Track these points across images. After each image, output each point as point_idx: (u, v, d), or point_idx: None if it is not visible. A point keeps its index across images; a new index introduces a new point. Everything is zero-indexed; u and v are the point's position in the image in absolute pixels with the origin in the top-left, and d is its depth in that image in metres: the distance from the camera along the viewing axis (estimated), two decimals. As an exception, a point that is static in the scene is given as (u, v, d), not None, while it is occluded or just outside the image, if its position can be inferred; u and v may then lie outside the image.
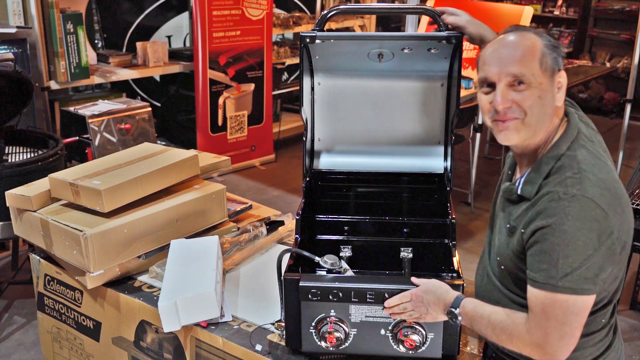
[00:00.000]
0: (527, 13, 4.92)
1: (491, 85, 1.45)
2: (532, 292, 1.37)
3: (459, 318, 1.48)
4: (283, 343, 1.72)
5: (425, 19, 5.18)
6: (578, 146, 1.42)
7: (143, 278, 2.08)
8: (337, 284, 1.60)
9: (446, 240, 1.93)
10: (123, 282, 2.05)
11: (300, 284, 1.60)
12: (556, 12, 8.40)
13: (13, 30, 3.81)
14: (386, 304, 1.56)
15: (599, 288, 1.36)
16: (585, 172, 1.36)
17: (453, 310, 1.48)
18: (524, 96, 1.41)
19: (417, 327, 1.60)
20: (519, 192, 1.46)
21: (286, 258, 1.71)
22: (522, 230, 1.41)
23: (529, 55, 1.41)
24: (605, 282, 1.40)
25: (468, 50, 4.95)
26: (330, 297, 1.60)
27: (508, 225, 1.49)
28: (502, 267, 1.51)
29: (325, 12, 1.91)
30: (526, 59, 1.41)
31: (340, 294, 1.59)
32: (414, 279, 1.57)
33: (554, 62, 1.43)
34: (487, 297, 1.56)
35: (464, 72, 5.01)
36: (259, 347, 1.72)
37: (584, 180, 1.34)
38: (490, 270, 1.58)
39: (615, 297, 1.50)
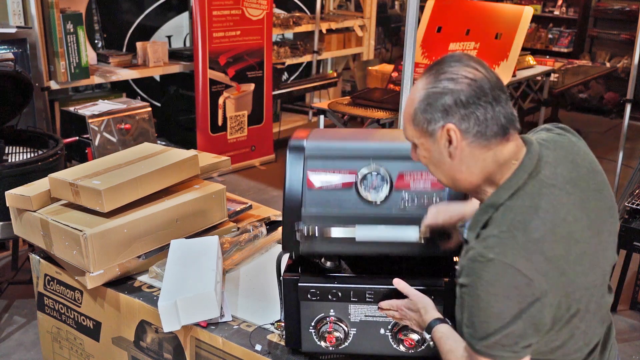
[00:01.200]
0: (527, 13, 4.92)
1: None
2: (465, 347, 1.33)
3: (431, 344, 1.47)
4: (283, 343, 1.72)
5: (425, 20, 5.18)
6: (523, 194, 1.27)
7: (143, 278, 2.08)
8: (336, 284, 1.60)
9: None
10: (123, 282, 2.05)
11: (299, 284, 1.60)
12: (556, 12, 8.40)
13: (13, 30, 3.81)
14: (379, 306, 1.57)
15: (522, 355, 1.26)
16: (515, 230, 1.22)
17: (425, 334, 1.47)
18: (422, 159, 1.37)
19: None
20: (464, 236, 1.36)
21: (285, 258, 1.71)
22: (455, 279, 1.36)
23: (406, 116, 1.34)
24: (549, 344, 1.31)
25: (468, 50, 4.95)
26: (330, 296, 1.60)
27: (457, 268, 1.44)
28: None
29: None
30: (405, 121, 1.35)
31: (340, 294, 1.59)
32: (396, 282, 1.53)
33: (427, 123, 1.28)
34: None
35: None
36: (258, 347, 1.72)
37: (507, 241, 1.22)
38: None
39: (593, 341, 1.40)
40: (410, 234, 1.53)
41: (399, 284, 1.53)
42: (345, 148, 1.65)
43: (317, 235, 1.56)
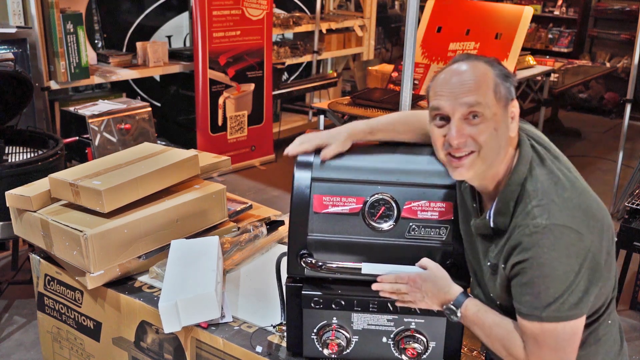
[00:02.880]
0: (527, 13, 4.91)
1: (444, 119, 1.39)
2: (520, 322, 1.36)
3: (459, 317, 1.45)
4: (283, 344, 1.72)
5: (425, 20, 5.18)
6: (536, 166, 1.39)
7: (143, 278, 2.08)
8: (339, 293, 1.59)
9: None
10: (123, 283, 2.05)
11: (302, 292, 1.59)
12: (556, 12, 8.40)
13: (13, 30, 3.80)
14: (378, 279, 1.51)
15: (587, 309, 1.34)
16: (549, 195, 1.33)
17: (454, 308, 1.45)
18: (480, 130, 1.36)
19: (418, 335, 1.59)
20: (491, 225, 1.41)
21: (285, 261, 1.70)
22: (503, 266, 1.39)
23: (483, 85, 1.36)
24: (598, 295, 1.39)
25: (468, 50, 4.95)
26: (333, 305, 1.59)
27: (489, 264, 1.45)
28: (499, 303, 1.48)
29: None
30: (480, 89, 1.36)
31: (343, 302, 1.59)
32: (425, 261, 1.51)
33: (507, 92, 1.38)
34: None
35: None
36: (259, 349, 1.71)
37: (550, 206, 1.31)
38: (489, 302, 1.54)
39: (613, 294, 1.49)
40: (416, 272, 1.51)
41: (425, 262, 1.51)
42: (354, 170, 1.60)
43: (322, 268, 1.55)
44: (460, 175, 1.42)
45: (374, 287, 1.52)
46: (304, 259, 1.56)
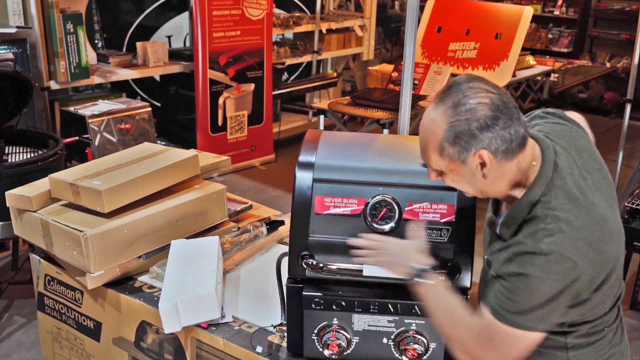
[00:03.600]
0: (527, 13, 4.92)
1: None
2: (485, 313, 1.38)
3: (420, 280, 1.46)
4: (284, 344, 1.72)
5: (425, 20, 5.18)
6: (554, 188, 1.37)
7: (143, 278, 2.08)
8: (340, 294, 1.59)
9: None
10: (123, 283, 2.05)
11: (303, 293, 1.59)
12: (556, 12, 8.40)
13: (13, 30, 3.80)
14: (356, 242, 1.52)
15: (550, 328, 1.37)
16: (559, 222, 1.32)
17: (422, 270, 1.46)
18: (443, 178, 1.42)
19: (419, 337, 1.59)
20: (497, 231, 1.45)
21: (285, 261, 1.70)
22: (493, 273, 1.42)
23: (427, 149, 1.39)
24: (584, 309, 1.42)
25: (468, 50, 4.95)
26: (334, 306, 1.59)
27: (486, 257, 1.50)
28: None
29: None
30: (425, 151, 1.40)
31: (344, 303, 1.59)
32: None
33: (457, 153, 1.34)
34: None
35: (463, 72, 5.02)
36: (259, 349, 1.71)
37: (556, 232, 1.31)
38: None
39: (617, 302, 1.53)
40: None
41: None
42: (355, 171, 1.60)
43: (324, 269, 1.55)
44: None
45: (353, 241, 1.53)
46: (305, 260, 1.56)
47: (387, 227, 1.55)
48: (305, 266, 1.56)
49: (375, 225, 1.55)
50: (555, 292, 1.31)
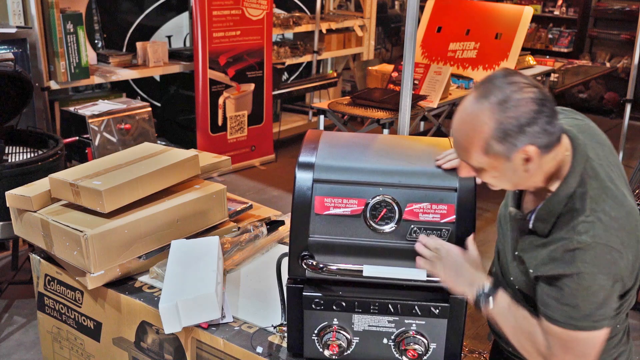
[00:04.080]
0: (527, 13, 4.92)
1: None
2: (551, 327, 1.37)
3: (490, 304, 1.44)
4: (284, 345, 1.72)
5: (425, 20, 5.18)
6: (588, 178, 1.37)
7: (144, 278, 2.07)
8: (340, 294, 1.59)
9: None
10: (124, 283, 2.04)
11: (303, 293, 1.59)
12: (556, 12, 8.40)
13: (13, 30, 3.80)
14: (421, 241, 1.50)
15: (613, 318, 1.39)
16: (597, 213, 1.33)
17: (487, 293, 1.44)
18: (480, 175, 1.41)
19: (419, 337, 1.59)
20: (530, 226, 1.44)
21: (285, 262, 1.70)
22: (532, 271, 1.41)
23: (470, 148, 1.35)
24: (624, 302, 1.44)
25: (468, 50, 4.95)
26: (334, 307, 1.59)
27: (516, 253, 1.48)
28: (517, 287, 1.51)
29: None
30: (468, 148, 1.36)
31: (344, 304, 1.59)
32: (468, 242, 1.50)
33: (505, 150, 1.32)
34: None
35: (463, 72, 5.02)
36: (260, 349, 1.71)
37: (596, 224, 1.32)
38: (506, 284, 1.57)
39: (630, 304, 1.52)
40: (418, 275, 1.52)
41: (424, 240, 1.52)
42: (356, 171, 1.59)
43: (324, 270, 1.55)
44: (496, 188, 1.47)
45: (417, 247, 1.51)
46: (305, 261, 1.56)
47: (387, 228, 1.55)
48: (305, 267, 1.56)
49: (375, 226, 1.55)
50: (610, 285, 1.32)
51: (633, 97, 4.59)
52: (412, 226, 1.55)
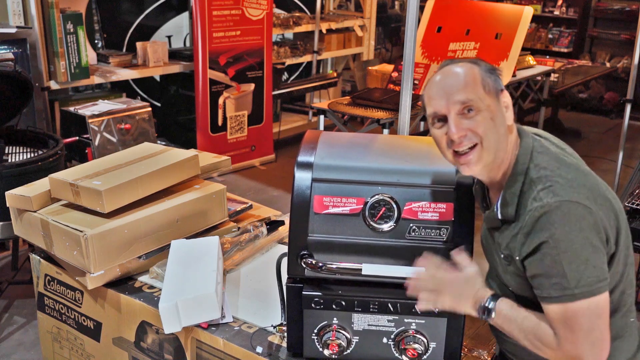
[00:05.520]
0: (527, 13, 4.91)
1: (442, 119, 1.45)
2: (550, 308, 1.37)
3: (493, 316, 1.44)
4: (284, 345, 1.72)
5: (425, 20, 5.18)
6: (537, 154, 1.44)
7: (143, 278, 2.07)
8: (340, 293, 1.59)
9: None
10: (123, 283, 2.04)
11: (303, 293, 1.59)
12: (556, 12, 8.40)
13: (13, 30, 3.80)
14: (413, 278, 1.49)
15: (608, 282, 1.36)
16: (553, 178, 1.38)
17: (488, 306, 1.44)
18: (476, 122, 1.42)
19: (419, 336, 1.59)
20: (498, 216, 1.46)
21: (285, 262, 1.70)
22: (517, 258, 1.41)
23: (471, 82, 1.43)
24: (614, 274, 1.42)
25: (468, 50, 4.95)
26: (334, 306, 1.59)
27: (502, 255, 1.48)
28: (514, 292, 1.50)
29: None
30: (470, 85, 1.43)
31: (344, 303, 1.59)
32: (458, 258, 1.49)
33: (495, 84, 1.46)
34: None
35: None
36: (259, 349, 1.71)
37: (554, 186, 1.36)
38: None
39: (632, 284, 1.50)
40: (416, 273, 1.51)
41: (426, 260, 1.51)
42: (354, 170, 1.60)
43: (323, 268, 1.55)
44: (470, 171, 1.46)
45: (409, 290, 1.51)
46: (304, 260, 1.56)
47: (386, 227, 1.55)
48: (304, 265, 1.56)
49: (374, 225, 1.55)
50: (587, 239, 1.32)
51: (633, 97, 4.58)
52: (411, 225, 1.55)
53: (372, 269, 1.53)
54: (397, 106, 2.77)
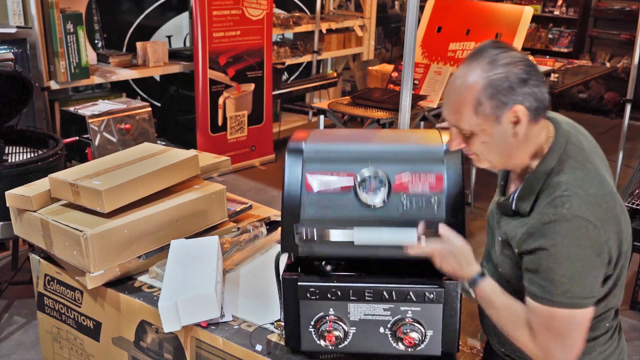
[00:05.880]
0: (527, 13, 4.91)
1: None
2: (531, 304, 1.38)
3: (472, 296, 1.47)
4: (283, 342, 1.72)
5: (425, 20, 5.18)
6: (567, 158, 1.40)
7: (143, 278, 2.08)
8: (335, 283, 1.60)
9: None
10: (123, 282, 2.05)
11: (298, 283, 1.60)
12: (556, 12, 8.40)
13: (13, 30, 3.81)
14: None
15: (595, 300, 1.37)
16: (574, 188, 1.35)
17: (467, 288, 1.47)
18: (470, 142, 1.42)
19: (416, 324, 1.59)
20: (513, 207, 1.46)
21: (284, 258, 1.71)
22: (516, 250, 1.42)
23: (462, 107, 1.36)
24: (606, 291, 1.43)
25: (468, 50, 4.95)
26: (329, 295, 1.60)
27: (500, 239, 1.50)
28: (507, 280, 1.52)
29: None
30: (459, 111, 1.37)
31: (339, 293, 1.59)
32: (444, 232, 1.49)
33: (494, 108, 1.34)
34: None
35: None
36: (259, 347, 1.72)
37: (572, 198, 1.34)
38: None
39: (618, 301, 1.52)
40: (408, 235, 1.53)
41: (443, 229, 1.51)
42: (344, 150, 1.65)
43: (315, 238, 1.56)
44: (479, 166, 1.48)
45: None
46: (297, 232, 1.57)
47: (378, 201, 1.57)
48: (296, 238, 1.57)
49: (366, 199, 1.57)
50: (586, 258, 1.32)
51: (633, 97, 4.59)
52: (403, 199, 1.56)
53: (363, 234, 1.54)
54: (397, 106, 2.78)
